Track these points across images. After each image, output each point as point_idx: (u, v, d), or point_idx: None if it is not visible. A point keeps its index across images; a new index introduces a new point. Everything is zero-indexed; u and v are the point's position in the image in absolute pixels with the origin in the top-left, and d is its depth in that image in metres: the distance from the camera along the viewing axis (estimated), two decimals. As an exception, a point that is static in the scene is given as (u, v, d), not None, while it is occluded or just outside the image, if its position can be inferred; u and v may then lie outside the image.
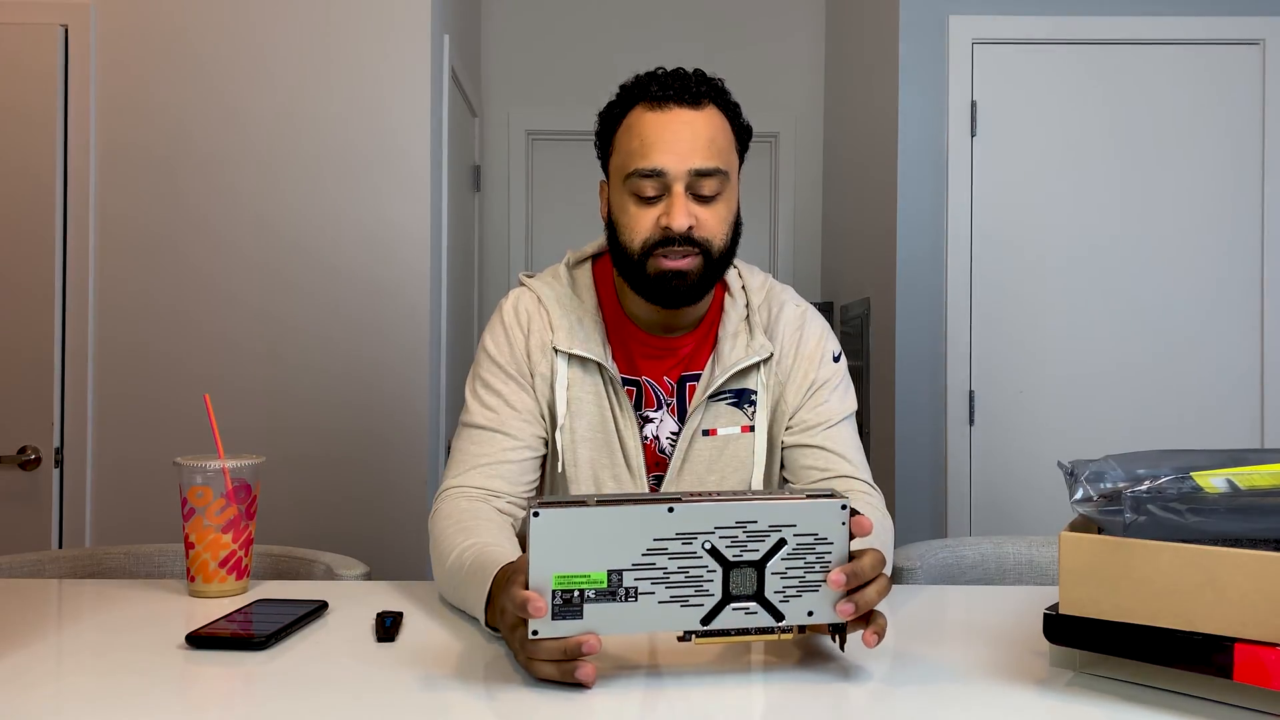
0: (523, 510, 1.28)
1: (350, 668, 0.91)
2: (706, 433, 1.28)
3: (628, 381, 1.29)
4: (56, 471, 2.45)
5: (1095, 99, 2.82)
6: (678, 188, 1.18)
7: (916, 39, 2.85)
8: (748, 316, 1.31)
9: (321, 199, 2.50)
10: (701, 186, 1.19)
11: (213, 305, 2.48)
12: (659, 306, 1.24)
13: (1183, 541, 0.80)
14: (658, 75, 1.22)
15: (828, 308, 3.58)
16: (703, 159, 1.18)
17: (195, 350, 2.48)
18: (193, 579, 1.19)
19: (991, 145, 2.82)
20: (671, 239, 1.18)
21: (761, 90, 3.77)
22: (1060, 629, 0.86)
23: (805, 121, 3.82)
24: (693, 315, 1.29)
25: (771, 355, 1.29)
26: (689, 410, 1.28)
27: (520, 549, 1.13)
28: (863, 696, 0.85)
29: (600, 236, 1.34)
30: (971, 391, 2.82)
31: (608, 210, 1.27)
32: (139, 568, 1.47)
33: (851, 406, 1.33)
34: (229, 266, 2.48)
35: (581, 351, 1.26)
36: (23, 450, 2.43)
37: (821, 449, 1.28)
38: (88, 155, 2.46)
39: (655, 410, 1.29)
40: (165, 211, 2.48)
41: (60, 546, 2.45)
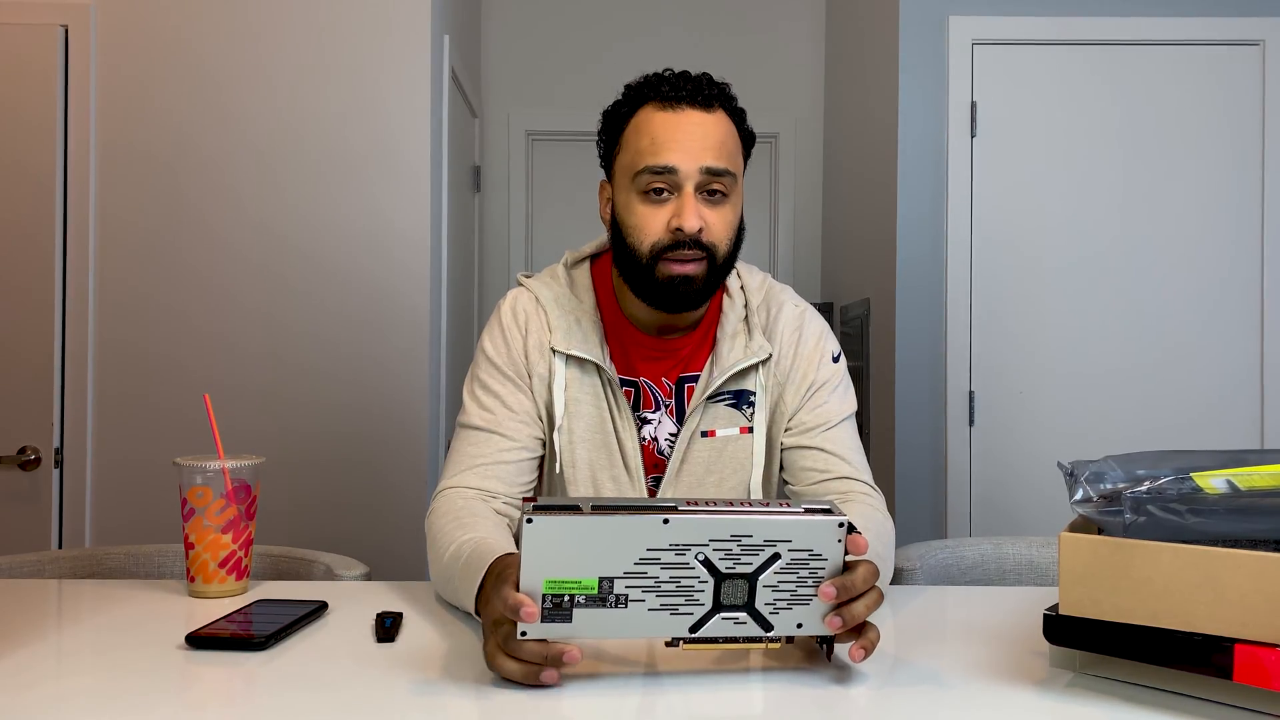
0: (519, 510, 1.27)
1: (350, 668, 0.91)
2: (705, 434, 1.28)
3: (626, 383, 1.29)
4: (56, 472, 2.45)
5: (1095, 99, 2.82)
6: (688, 188, 1.18)
7: (916, 39, 2.85)
8: (746, 317, 1.31)
9: (321, 199, 2.50)
10: (711, 185, 1.19)
11: (212, 305, 2.48)
12: (663, 311, 1.24)
13: (1183, 542, 0.80)
14: (667, 76, 1.22)
15: (828, 308, 3.58)
16: (714, 158, 1.18)
17: (195, 350, 2.48)
18: (193, 579, 1.19)
19: (991, 146, 2.82)
20: (681, 243, 1.18)
21: (761, 91, 3.77)
22: (1060, 629, 0.86)
23: (805, 122, 3.82)
24: (691, 316, 1.29)
25: (770, 356, 1.29)
26: (687, 411, 1.28)
27: (516, 548, 1.13)
28: (862, 697, 0.84)
29: (599, 236, 1.34)
30: (971, 392, 2.82)
31: (610, 211, 1.27)
32: (139, 568, 1.47)
33: (851, 407, 1.32)
34: (229, 266, 2.48)
35: (579, 352, 1.26)
36: (23, 450, 2.43)
37: (821, 450, 1.28)
38: (88, 155, 2.46)
39: (653, 411, 1.29)
40: (165, 211, 2.48)
41: (60, 547, 2.45)
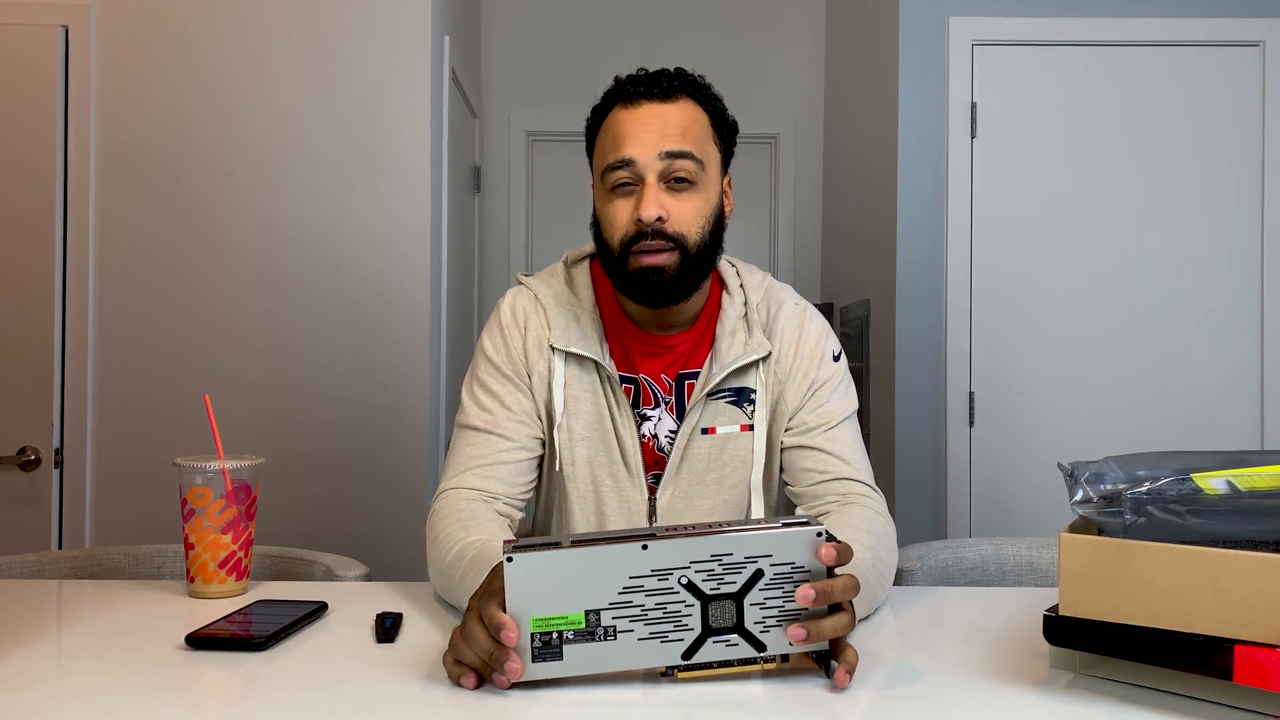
0: (519, 512, 1.28)
1: (350, 668, 0.91)
2: (705, 431, 1.28)
3: (625, 380, 1.29)
4: (56, 472, 2.45)
5: (1095, 100, 2.82)
6: (650, 178, 1.18)
7: (916, 40, 2.85)
8: (746, 315, 1.31)
9: (322, 199, 2.50)
10: (674, 171, 1.18)
11: (213, 306, 2.48)
12: (643, 304, 1.24)
13: (1183, 543, 0.80)
14: (635, 75, 1.23)
15: (828, 308, 3.58)
16: (673, 142, 1.18)
17: (195, 351, 2.48)
18: (192, 580, 1.19)
19: (991, 146, 2.83)
20: (644, 233, 1.18)
21: (762, 91, 3.77)
22: (1060, 630, 0.86)
23: (805, 122, 3.82)
24: (688, 312, 1.28)
25: (770, 354, 1.28)
26: (687, 408, 1.28)
27: None
28: (862, 698, 0.84)
29: None
30: (971, 392, 2.82)
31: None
32: (139, 568, 1.47)
33: (852, 406, 1.32)
34: (229, 267, 2.48)
35: (578, 349, 1.26)
36: (23, 451, 2.43)
37: (821, 451, 1.27)
38: (88, 155, 2.46)
39: (653, 408, 1.29)
40: (166, 211, 2.48)
41: (60, 547, 2.45)
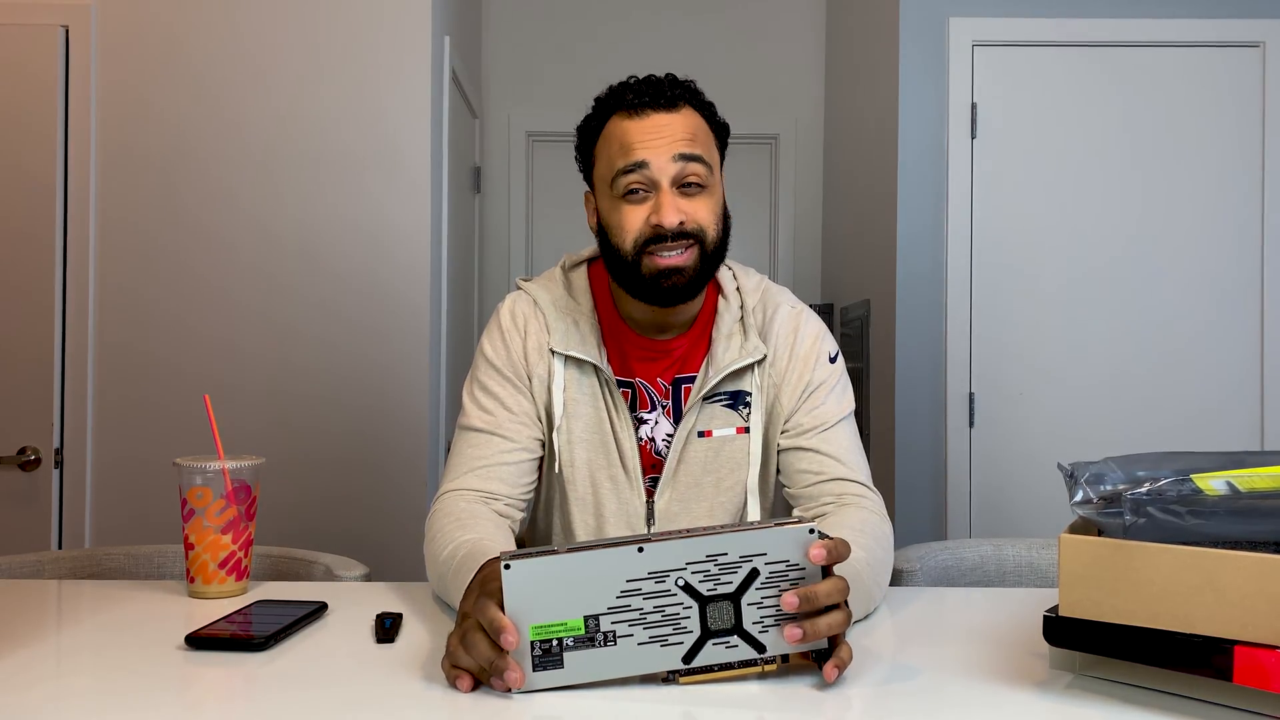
0: (521, 513, 1.29)
1: (350, 669, 0.91)
2: (702, 434, 1.28)
3: (623, 384, 1.29)
4: (56, 472, 2.45)
5: (1095, 101, 2.82)
6: (664, 183, 1.19)
7: (917, 41, 2.86)
8: (742, 318, 1.31)
9: (321, 200, 2.50)
10: (687, 174, 1.20)
11: (212, 306, 2.48)
12: (655, 306, 1.24)
13: (1182, 544, 0.80)
14: (631, 84, 1.24)
15: (828, 309, 3.58)
16: (685, 146, 1.20)
17: (195, 351, 2.48)
18: (192, 580, 1.19)
19: (992, 147, 2.83)
20: (663, 235, 1.19)
21: (762, 92, 3.77)
22: (1060, 631, 0.86)
23: (805, 123, 3.82)
24: (686, 315, 1.29)
25: (765, 357, 1.29)
26: (684, 411, 1.28)
27: (518, 548, 1.13)
28: (861, 699, 0.84)
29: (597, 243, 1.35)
30: (971, 393, 2.82)
31: (596, 220, 1.29)
32: (138, 568, 1.47)
33: (849, 407, 1.32)
34: (228, 267, 2.48)
35: (577, 353, 1.26)
36: (22, 451, 2.43)
37: (816, 452, 1.27)
38: (88, 155, 2.46)
39: (650, 412, 1.30)
40: (166, 211, 2.48)
41: (60, 547, 2.45)
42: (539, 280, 1.36)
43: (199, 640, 0.97)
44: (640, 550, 0.84)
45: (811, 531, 0.85)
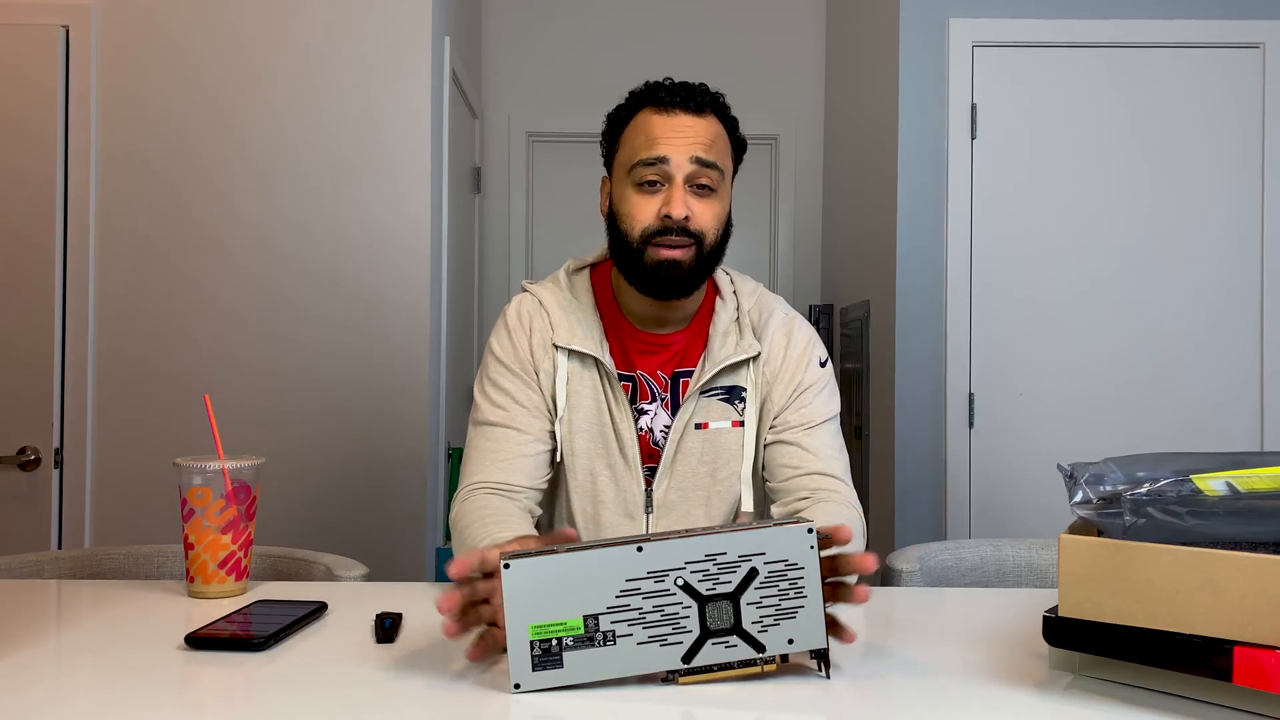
0: (538, 505, 1.35)
1: (349, 669, 0.91)
2: (699, 426, 1.34)
3: (624, 377, 1.35)
4: (56, 472, 2.45)
5: (1095, 102, 2.82)
6: (678, 178, 1.26)
7: (917, 41, 2.86)
8: (738, 318, 1.38)
9: (322, 200, 2.50)
10: (699, 178, 1.27)
11: (212, 306, 2.48)
12: (653, 298, 1.31)
13: (1182, 544, 0.80)
14: (665, 84, 1.32)
15: (827, 310, 3.58)
16: (703, 151, 1.27)
17: (195, 351, 2.48)
18: (192, 580, 1.19)
19: (991, 148, 2.83)
20: (669, 229, 1.26)
21: (762, 93, 3.77)
22: (1059, 631, 0.86)
23: (805, 124, 3.82)
24: (685, 310, 1.36)
25: (760, 354, 1.35)
26: (681, 404, 1.34)
27: None
28: (861, 698, 0.84)
29: (599, 247, 1.41)
30: (971, 394, 2.82)
31: (608, 205, 1.35)
32: (138, 568, 1.47)
33: (835, 410, 1.39)
34: (228, 266, 2.48)
35: (580, 347, 1.33)
36: (22, 451, 2.43)
37: (798, 447, 1.33)
38: (88, 155, 2.46)
39: (649, 403, 1.35)
40: (165, 211, 2.48)
41: (60, 547, 2.45)
42: (543, 283, 1.43)
43: (199, 640, 0.97)
44: (639, 550, 0.84)
45: (810, 531, 0.86)
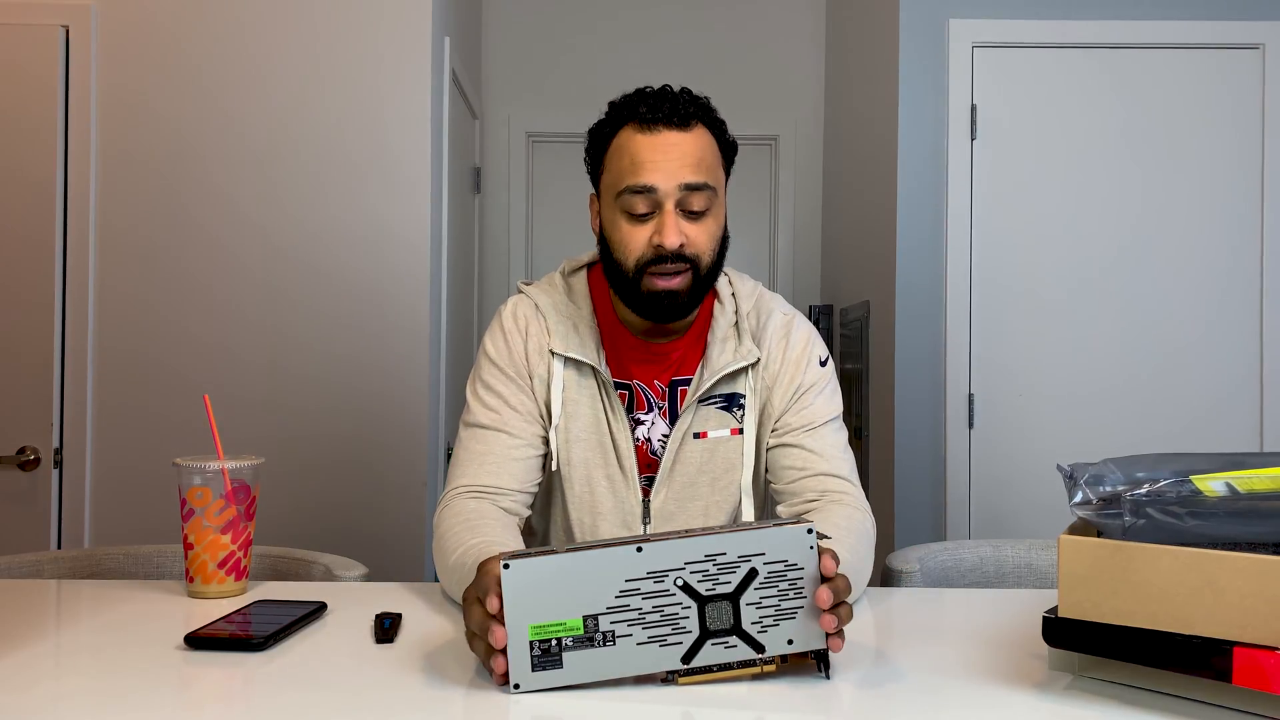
0: (527, 508, 1.32)
1: (349, 669, 0.91)
2: (697, 435, 1.32)
3: (620, 385, 1.33)
4: (55, 472, 2.45)
5: (1095, 103, 2.82)
6: (668, 205, 1.22)
7: (917, 42, 2.86)
8: (736, 323, 1.35)
9: (321, 200, 2.50)
10: (691, 202, 1.22)
11: (212, 306, 2.48)
12: (651, 321, 1.29)
13: (1182, 545, 0.80)
14: (646, 96, 1.25)
15: (827, 311, 3.58)
16: (692, 174, 1.22)
17: (194, 352, 2.47)
18: (191, 580, 1.19)
19: (992, 149, 2.83)
20: (663, 257, 1.22)
21: (762, 94, 3.77)
22: (1059, 632, 0.86)
23: (805, 124, 3.82)
24: (683, 321, 1.33)
25: (759, 360, 1.32)
26: (679, 413, 1.32)
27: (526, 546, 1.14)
28: (860, 699, 0.84)
29: (596, 246, 1.37)
30: (971, 394, 2.82)
31: (599, 225, 1.31)
32: (138, 568, 1.47)
33: (837, 410, 1.36)
34: (228, 267, 2.48)
35: (576, 355, 1.30)
36: (22, 451, 2.43)
37: (802, 448, 1.31)
38: (88, 155, 2.46)
39: (647, 413, 1.33)
40: (165, 211, 2.48)
41: (59, 547, 2.45)
42: (539, 284, 1.39)
43: (198, 640, 0.97)
44: (639, 550, 0.84)
45: (809, 532, 0.85)
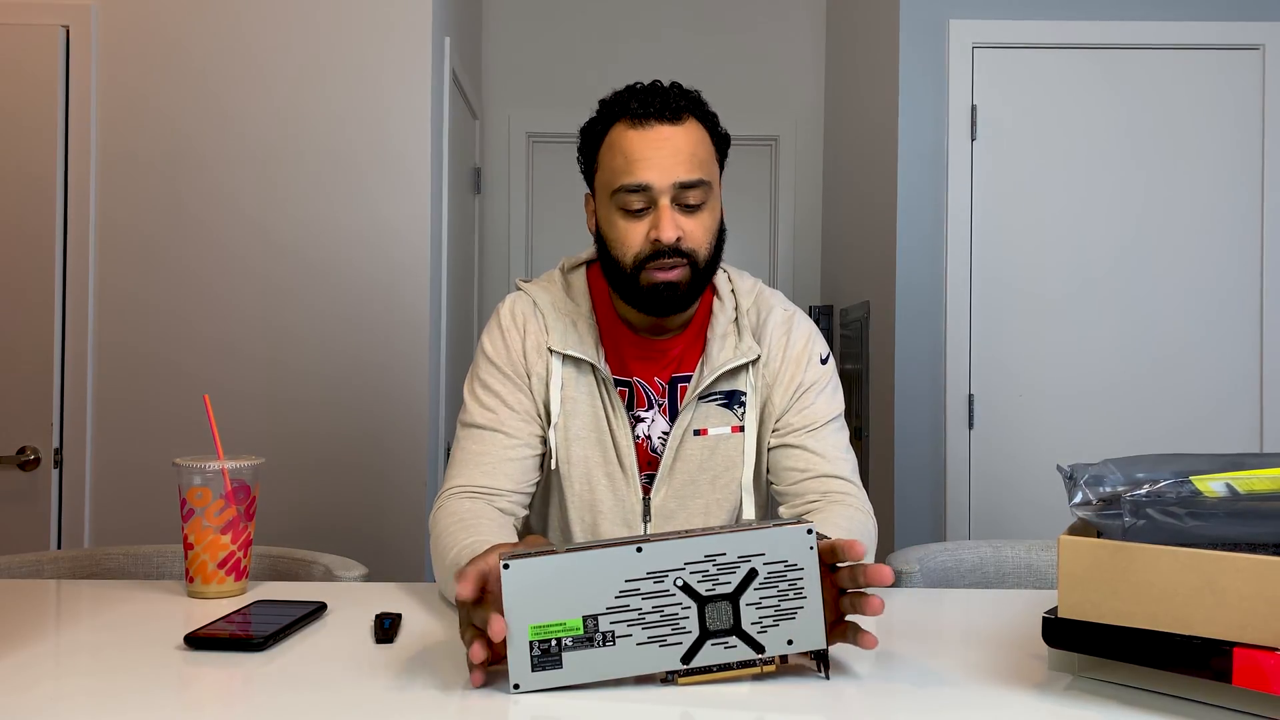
0: (524, 509, 1.31)
1: (348, 669, 0.91)
2: (697, 432, 1.31)
3: (620, 382, 1.32)
4: (55, 472, 2.45)
5: (1096, 103, 2.82)
6: (663, 201, 1.21)
7: (917, 43, 2.86)
8: (736, 319, 1.34)
9: (321, 201, 2.50)
10: (686, 198, 1.22)
11: (212, 307, 2.48)
12: (650, 315, 1.28)
13: (1182, 545, 0.80)
14: (637, 92, 1.25)
15: (827, 311, 3.58)
16: (686, 171, 1.21)
17: (194, 352, 2.48)
18: (191, 580, 1.19)
19: (991, 149, 2.83)
20: (661, 252, 1.21)
21: (762, 94, 3.77)
22: (1059, 632, 0.86)
23: (806, 125, 3.82)
24: (682, 318, 1.32)
25: (759, 357, 1.32)
26: (679, 410, 1.31)
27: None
28: (860, 699, 0.84)
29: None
30: (971, 395, 2.82)
31: (595, 224, 1.31)
32: (138, 568, 1.47)
33: (839, 408, 1.35)
34: (228, 267, 2.48)
35: (575, 352, 1.29)
36: (22, 451, 2.43)
37: (804, 449, 1.30)
38: (88, 156, 2.46)
39: (647, 410, 1.32)
40: (165, 211, 2.48)
41: (59, 547, 2.45)
42: (538, 282, 1.39)
43: (198, 640, 0.97)
44: (639, 550, 0.84)
45: (809, 532, 0.85)
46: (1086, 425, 2.80)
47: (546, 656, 0.83)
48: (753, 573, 0.85)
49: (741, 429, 1.32)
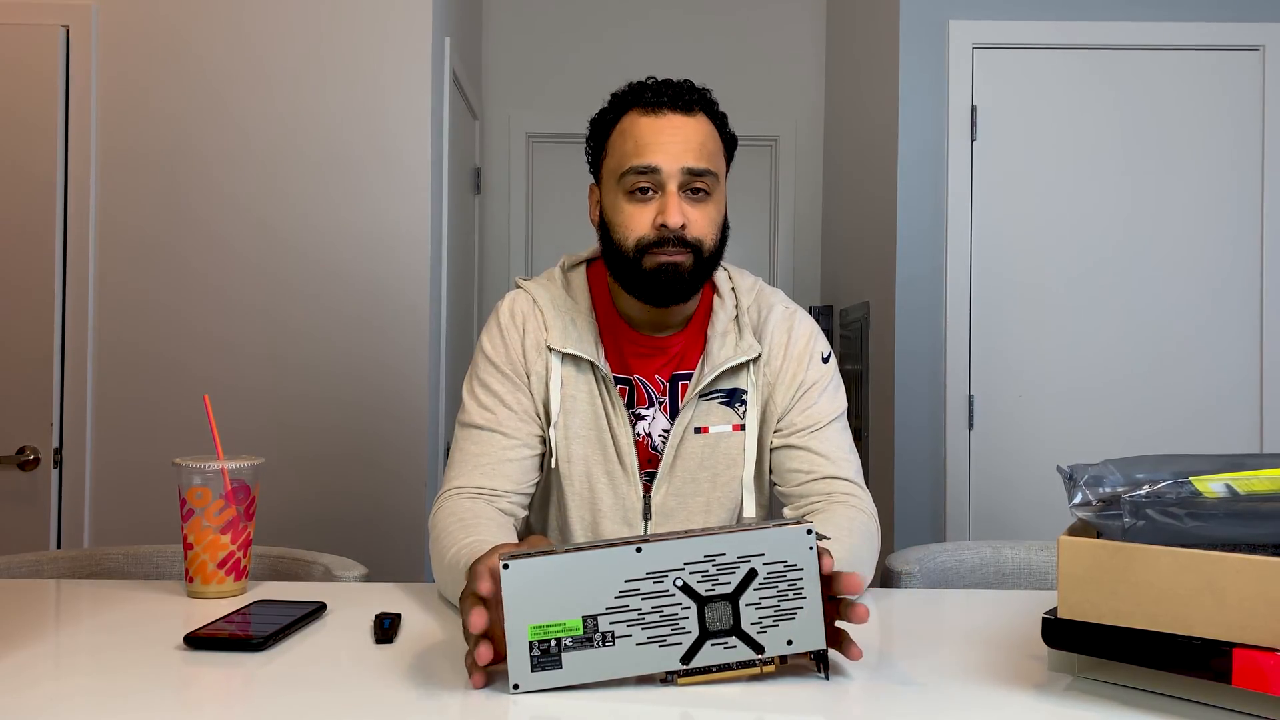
0: (524, 509, 1.31)
1: (348, 669, 0.91)
2: (698, 430, 1.31)
3: (620, 380, 1.32)
4: (55, 472, 2.45)
5: (1095, 104, 2.82)
6: (671, 186, 1.22)
7: (917, 43, 2.86)
8: (737, 317, 1.34)
9: (322, 201, 2.50)
10: (694, 185, 1.23)
11: (212, 307, 2.48)
12: (652, 304, 1.27)
13: (1181, 546, 0.80)
14: (650, 84, 1.27)
15: (827, 311, 3.58)
16: (695, 159, 1.23)
17: (194, 352, 2.48)
18: (191, 580, 1.19)
19: (992, 150, 2.83)
20: (665, 239, 1.22)
21: (762, 94, 3.77)
22: (1059, 633, 0.86)
23: (806, 125, 3.82)
24: (682, 314, 1.32)
25: (760, 355, 1.31)
26: (680, 408, 1.31)
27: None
28: (860, 699, 0.84)
29: (596, 243, 1.37)
30: (971, 395, 2.82)
31: (599, 213, 1.31)
32: (137, 568, 1.47)
33: (841, 407, 1.35)
34: (229, 268, 2.48)
35: (574, 350, 1.29)
36: (22, 451, 2.43)
37: (807, 450, 1.30)
38: (88, 156, 2.46)
39: (647, 408, 1.32)
40: (165, 211, 2.48)
41: (59, 547, 2.45)
42: (537, 280, 1.38)
43: (198, 640, 0.97)
44: (639, 550, 0.84)
45: (809, 532, 0.85)
46: (1086, 425, 2.80)
47: (546, 657, 0.83)
48: (752, 573, 0.85)
49: (742, 427, 1.31)
